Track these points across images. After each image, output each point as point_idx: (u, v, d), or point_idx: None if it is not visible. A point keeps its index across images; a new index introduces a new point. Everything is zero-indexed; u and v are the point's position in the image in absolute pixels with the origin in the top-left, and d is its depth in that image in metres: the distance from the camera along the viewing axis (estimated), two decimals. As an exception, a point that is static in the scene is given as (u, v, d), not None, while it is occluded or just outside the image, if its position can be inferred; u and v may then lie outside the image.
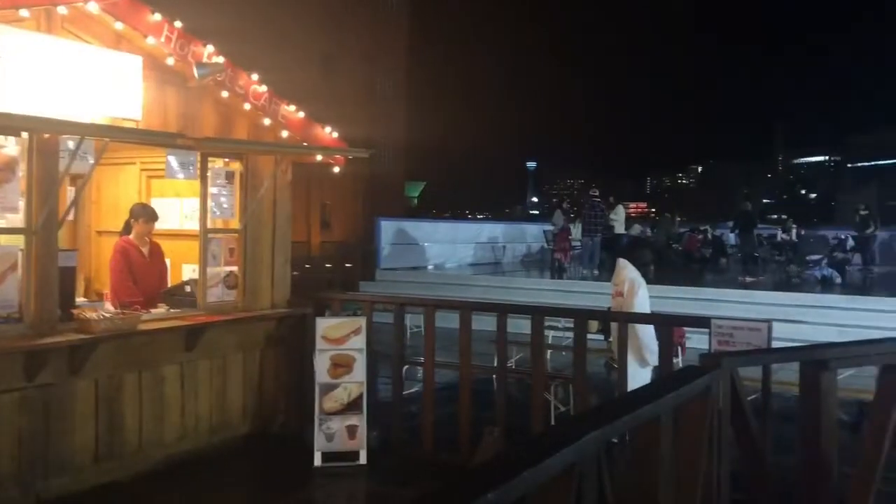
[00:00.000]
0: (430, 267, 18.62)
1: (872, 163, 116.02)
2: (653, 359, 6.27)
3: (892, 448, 3.43)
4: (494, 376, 6.52)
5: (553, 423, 6.93)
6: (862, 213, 18.73)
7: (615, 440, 3.80)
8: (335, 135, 7.01)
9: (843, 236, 21.21)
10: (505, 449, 4.15)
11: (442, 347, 6.54)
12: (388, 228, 18.31)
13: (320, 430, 6.00)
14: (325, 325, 6.19)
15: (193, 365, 6.07)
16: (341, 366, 6.11)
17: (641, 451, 2.32)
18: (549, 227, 20.86)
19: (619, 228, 18.79)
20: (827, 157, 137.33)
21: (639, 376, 6.07)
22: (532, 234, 22.83)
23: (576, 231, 18.96)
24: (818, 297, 13.24)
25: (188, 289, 6.35)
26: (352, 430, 6.04)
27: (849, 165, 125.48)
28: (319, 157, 7.02)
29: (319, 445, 5.99)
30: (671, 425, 2.42)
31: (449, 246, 19.69)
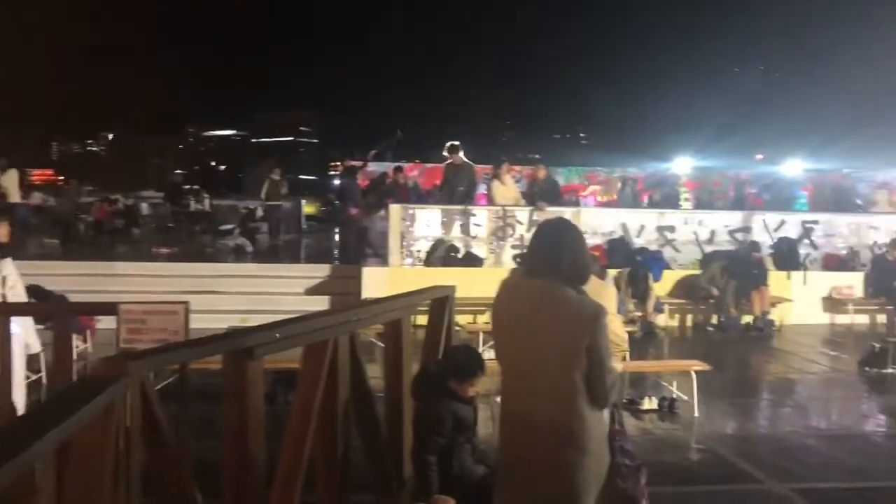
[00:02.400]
0: None
1: (273, 139, 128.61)
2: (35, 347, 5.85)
3: (317, 426, 3.29)
4: None
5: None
6: (274, 178, 18.72)
7: None
8: None
9: (252, 206, 22.35)
10: None
11: None
12: None
13: None
14: None
15: None
16: None
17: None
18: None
19: (14, 197, 16.35)
20: (234, 132, 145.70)
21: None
22: None
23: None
24: (232, 266, 13.51)
25: None
26: None
27: (253, 140, 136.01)
28: None
29: None
30: (54, 474, 1.68)
31: None
